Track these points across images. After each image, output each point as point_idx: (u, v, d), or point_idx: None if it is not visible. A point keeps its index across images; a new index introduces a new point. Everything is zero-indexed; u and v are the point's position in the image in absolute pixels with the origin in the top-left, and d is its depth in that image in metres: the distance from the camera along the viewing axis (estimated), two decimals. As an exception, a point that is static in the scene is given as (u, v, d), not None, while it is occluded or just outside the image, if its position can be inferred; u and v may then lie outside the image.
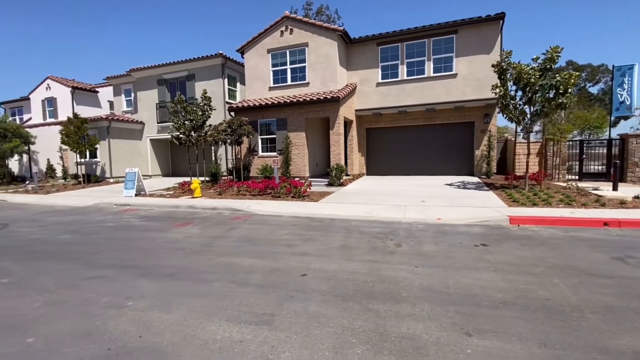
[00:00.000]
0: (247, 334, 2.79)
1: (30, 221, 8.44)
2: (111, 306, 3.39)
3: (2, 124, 18.25)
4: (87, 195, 13.10)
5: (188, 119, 13.91)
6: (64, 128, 16.00)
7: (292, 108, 13.19)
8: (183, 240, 6.02)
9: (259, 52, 14.58)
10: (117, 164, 18.07)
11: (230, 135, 12.54)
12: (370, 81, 14.38)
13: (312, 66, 13.71)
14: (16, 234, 7.03)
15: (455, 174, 14.21)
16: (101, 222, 7.94)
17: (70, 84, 22.44)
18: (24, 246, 5.95)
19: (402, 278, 3.92)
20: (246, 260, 4.74)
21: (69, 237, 6.54)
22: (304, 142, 13.15)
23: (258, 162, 14.01)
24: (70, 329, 2.94)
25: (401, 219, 7.00)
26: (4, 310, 3.38)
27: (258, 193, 10.72)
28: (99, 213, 9.33)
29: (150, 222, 7.82)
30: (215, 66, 17.09)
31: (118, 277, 4.19)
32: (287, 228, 6.67)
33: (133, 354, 2.55)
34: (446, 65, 13.37)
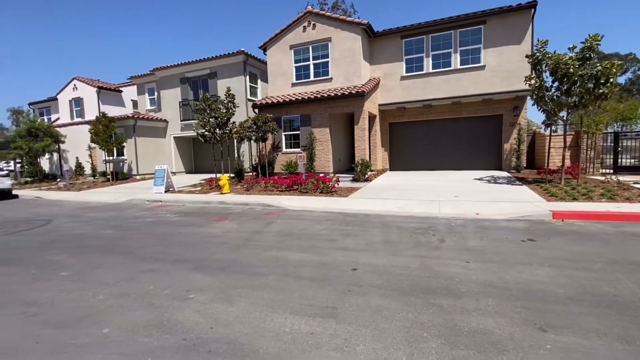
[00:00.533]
0: (316, 327, 2.81)
1: (71, 217, 8.76)
2: (174, 298, 3.48)
3: (34, 124, 18.96)
4: (118, 192, 13.49)
5: (213, 117, 14.09)
6: (93, 127, 16.49)
7: (315, 104, 13.16)
8: (223, 235, 6.11)
9: (282, 49, 14.59)
10: (142, 162, 18.54)
11: (255, 132, 12.64)
12: (394, 75, 14.18)
13: (335, 61, 13.62)
14: (61, 229, 7.31)
15: (482, 168, 13.89)
16: (139, 218, 8.16)
17: (95, 84, 23.09)
18: (71, 240, 6.18)
19: (456, 273, 3.86)
20: (292, 254, 4.77)
21: (112, 232, 6.76)
22: (327, 138, 13.12)
23: (282, 158, 14.08)
24: (141, 320, 3.04)
25: (437, 214, 6.90)
26: (72, 302, 3.51)
27: (285, 189, 10.78)
28: (134, 209, 9.60)
29: (186, 217, 7.98)
30: (237, 64, 17.21)
31: (171, 271, 4.30)
32: (323, 223, 6.68)
33: (209, 344, 2.61)
34: (474, 57, 13.03)
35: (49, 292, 3.76)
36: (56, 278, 4.21)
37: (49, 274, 4.37)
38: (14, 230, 7.34)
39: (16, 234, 6.92)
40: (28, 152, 18.44)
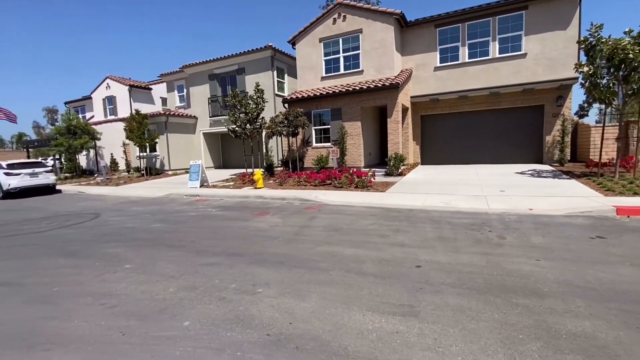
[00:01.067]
0: (399, 325, 2.72)
1: (116, 211, 9.08)
2: (243, 292, 3.48)
3: (73, 122, 19.82)
4: (154, 187, 13.90)
5: (243, 112, 14.21)
6: (128, 124, 17.04)
7: (347, 97, 12.98)
8: (270, 229, 6.12)
9: (311, 42, 14.45)
10: (174, 157, 19.03)
11: (286, 127, 12.63)
12: (428, 66, 13.75)
13: (366, 53, 13.35)
14: (110, 222, 7.57)
15: (521, 161, 13.30)
16: (182, 212, 8.34)
17: (127, 82, 23.84)
18: (124, 234, 6.38)
19: (530, 272, 3.66)
20: (347, 249, 4.70)
21: (161, 225, 6.92)
22: (359, 132, 12.93)
23: (312, 153, 14.03)
24: (217, 314, 3.05)
25: (487, 210, 6.63)
26: (144, 294, 3.59)
27: (319, 183, 10.73)
28: (174, 203, 9.83)
29: (228, 211, 8.08)
30: (265, 59, 17.24)
31: (231, 264, 4.32)
32: (368, 218, 6.57)
33: (294, 340, 2.58)
34: (514, 45, 12.40)
35: (120, 284, 3.87)
36: (122, 270, 4.33)
37: (113, 266, 4.50)
38: (67, 223, 7.67)
39: (70, 227, 7.23)
40: (68, 148, 19.32)
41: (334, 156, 11.45)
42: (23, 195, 13.61)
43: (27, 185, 13.51)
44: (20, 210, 10.06)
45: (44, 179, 14.09)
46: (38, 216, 8.85)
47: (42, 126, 77.27)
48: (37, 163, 14.68)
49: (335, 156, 11.47)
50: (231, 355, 2.43)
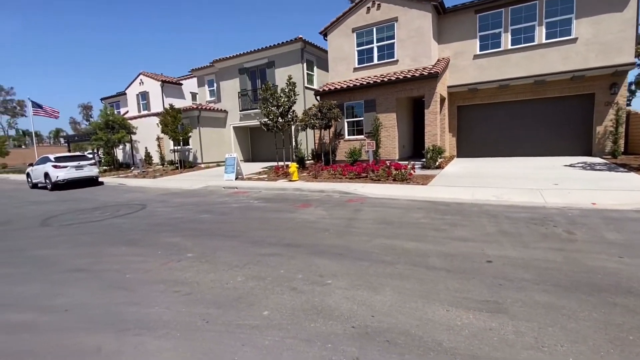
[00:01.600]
0: (489, 322, 2.59)
1: (161, 202, 9.37)
2: (312, 283, 3.46)
3: (110, 117, 20.65)
4: (190, 179, 14.27)
5: (275, 105, 14.25)
6: (163, 118, 17.55)
7: (381, 88, 12.70)
8: (318, 221, 6.09)
9: (343, 32, 14.21)
10: (206, 151, 19.46)
11: (320, 119, 12.54)
12: (466, 54, 13.18)
13: (401, 42, 12.97)
14: (159, 213, 7.81)
15: (567, 154, 12.56)
16: (224, 204, 8.48)
17: (160, 78, 24.52)
18: (176, 224, 6.55)
19: (617, 269, 3.41)
20: (406, 243, 4.58)
21: (208, 216, 7.07)
22: (394, 124, 12.65)
23: (344, 145, 13.89)
24: (294, 304, 3.03)
25: (544, 204, 6.28)
26: (215, 282, 3.64)
27: (354, 176, 10.60)
28: (214, 195, 10.03)
29: (269, 203, 8.14)
30: (295, 51, 17.16)
31: (291, 255, 4.32)
32: (416, 211, 6.40)
33: (383, 333, 2.51)
34: (563, 29, 11.63)
35: (187, 273, 3.95)
36: (185, 259, 4.43)
37: (176, 255, 4.61)
38: (118, 214, 7.99)
39: (122, 217, 7.52)
40: (106, 142, 20.18)
41: (370, 148, 11.27)
42: (69, 187, 14.37)
43: (73, 177, 14.24)
44: (71, 201, 10.60)
45: (88, 171, 14.80)
46: (89, 206, 9.29)
47: (77, 122, 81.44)
48: (81, 156, 15.43)
49: (370, 148, 11.28)
50: (322, 346, 2.40)
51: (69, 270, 4.30)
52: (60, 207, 9.47)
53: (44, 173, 14.27)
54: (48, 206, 9.87)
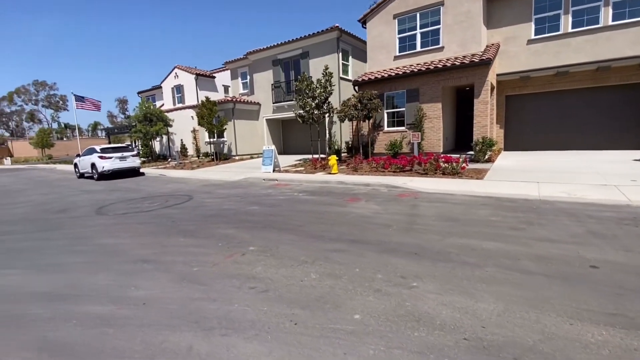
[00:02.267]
0: (630, 340, 2.20)
1: (205, 193, 9.42)
2: (396, 285, 3.18)
3: (149, 110, 21.25)
4: (227, 171, 14.38)
5: (311, 97, 13.99)
6: (199, 111, 17.79)
7: (425, 77, 12.07)
8: (374, 216, 5.79)
9: (384, 19, 13.61)
10: (240, 143, 19.61)
11: (360, 110, 12.14)
12: (519, 39, 12.24)
13: (448, 28, 12.22)
14: (207, 204, 7.81)
15: (631, 147, 11.41)
16: (269, 196, 8.37)
17: (194, 71, 24.91)
18: (227, 215, 6.48)
19: None
20: (484, 243, 4.18)
21: (258, 208, 6.95)
22: (439, 114, 12.02)
23: (383, 137, 13.42)
24: (386, 308, 2.77)
25: (628, 202, 5.62)
26: (287, 279, 3.45)
27: (398, 169, 10.17)
28: (256, 187, 9.97)
29: (315, 196, 7.93)
30: (330, 41, 16.73)
31: (360, 252, 4.06)
32: (481, 208, 5.94)
33: (505, 348, 2.19)
34: (633, 10, 10.46)
35: (256, 267, 3.80)
36: (249, 253, 4.29)
37: (237, 248, 4.49)
38: (168, 204, 8.07)
39: (172, 208, 7.58)
40: (145, 134, 20.82)
41: (415, 140, 10.77)
42: (113, 177, 14.91)
43: (117, 168, 14.75)
44: (119, 191, 10.93)
45: (130, 162, 15.29)
46: (137, 196, 9.51)
47: (114, 115, 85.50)
48: (125, 148, 15.97)
49: (416, 140, 10.78)
50: (438, 360, 2.13)
51: (135, 260, 4.28)
52: (110, 197, 9.77)
53: (91, 163, 14.88)
54: (98, 195, 10.22)
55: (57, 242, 5.34)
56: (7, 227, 6.63)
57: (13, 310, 3.13)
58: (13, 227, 6.65)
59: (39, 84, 76.63)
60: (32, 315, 3.02)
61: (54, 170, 23.96)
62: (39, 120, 78.59)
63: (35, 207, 8.86)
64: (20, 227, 6.62)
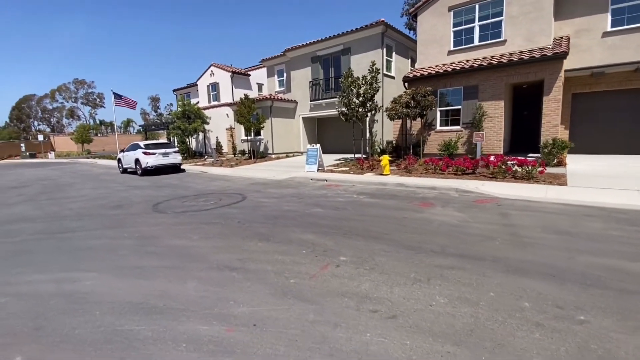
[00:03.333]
0: None
1: (256, 192, 9.08)
2: (558, 318, 2.56)
3: (188, 107, 21.43)
4: (268, 169, 14.08)
5: (356, 94, 13.44)
6: (238, 108, 17.65)
7: (486, 72, 11.20)
8: (464, 225, 5.15)
9: (437, 12, 12.82)
10: (277, 141, 19.33)
11: (413, 108, 11.45)
12: (592, 31, 11.11)
13: (512, 19, 11.28)
14: (264, 204, 7.42)
15: None
16: (326, 197, 7.89)
17: (229, 69, 24.98)
18: (293, 217, 6.04)
19: None
20: (630, 264, 3.48)
21: (321, 211, 6.48)
22: (500, 113, 11.11)
23: (435, 137, 12.64)
24: (567, 351, 2.18)
25: None
26: (411, 302, 2.91)
27: (460, 172, 9.42)
28: (306, 187, 9.53)
29: (377, 199, 7.36)
30: (374, 36, 16.07)
31: (480, 271, 3.45)
32: (590, 220, 5.15)
33: None
34: None
35: (362, 284, 3.28)
36: (343, 264, 3.79)
37: (326, 257, 4.01)
38: (223, 203, 7.77)
39: (230, 207, 7.24)
40: (183, 131, 21.00)
41: (479, 141, 9.97)
42: (156, 173, 15.00)
43: (160, 164, 14.82)
44: (167, 187, 10.83)
45: (173, 158, 15.33)
46: (188, 193, 9.31)
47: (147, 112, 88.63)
48: (167, 144, 16.06)
49: (479, 141, 9.98)
50: None
51: (220, 267, 3.89)
52: (161, 193, 9.64)
53: (135, 159, 15.03)
54: (148, 191, 10.14)
55: (125, 242, 5.08)
56: (70, 223, 6.51)
57: (111, 325, 2.78)
58: (75, 223, 6.53)
59: (79, 82, 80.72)
60: (134, 333, 2.64)
61: (95, 164, 24.75)
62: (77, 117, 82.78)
63: (89, 202, 8.84)
64: (82, 223, 6.48)
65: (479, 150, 10.10)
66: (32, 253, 4.80)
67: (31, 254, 4.78)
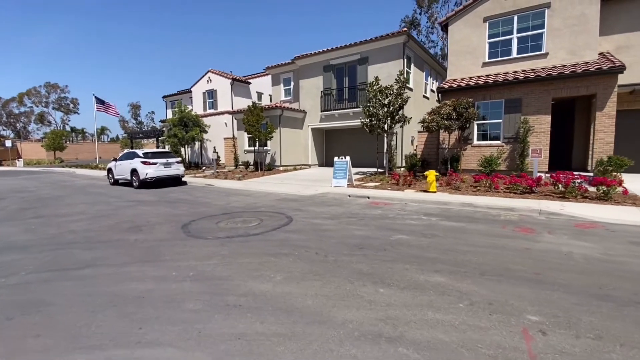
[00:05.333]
0: None
1: (296, 210, 7.75)
2: None
3: (185, 114, 19.79)
4: (285, 183, 12.74)
5: (383, 104, 12.57)
6: (246, 116, 16.34)
7: (531, 85, 10.62)
8: (612, 260, 4.12)
9: (471, 22, 12.30)
10: (285, 153, 18.04)
11: (455, 120, 10.63)
12: (634, 48, 10.88)
13: (554, 32, 10.87)
14: (325, 229, 6.12)
15: None
16: (392, 218, 6.69)
17: (230, 76, 23.66)
18: (384, 248, 4.79)
19: None
20: None
21: (407, 238, 5.28)
22: (546, 128, 10.52)
23: (472, 152, 11.86)
24: None
25: None
26: None
27: (519, 190, 8.57)
28: (352, 205, 8.29)
29: (459, 223, 6.26)
30: (395, 46, 15.44)
31: None
32: None
33: None
34: None
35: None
36: (548, 330, 2.61)
37: (503, 315, 2.81)
38: (269, 225, 6.39)
39: (281, 231, 5.89)
40: (180, 140, 19.28)
41: (536, 157, 9.20)
42: (155, 185, 13.29)
43: (162, 175, 13.14)
44: (179, 203, 9.26)
45: (175, 169, 13.69)
46: (213, 212, 7.82)
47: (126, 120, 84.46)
48: (168, 153, 14.38)
49: (537, 157, 9.21)
50: None
51: (364, 336, 2.57)
52: (177, 211, 8.09)
53: (131, 169, 13.27)
54: (161, 208, 8.55)
55: (182, 286, 3.63)
56: (82, 254, 4.90)
57: None
58: (89, 253, 4.93)
59: (51, 86, 76.05)
60: None
61: (74, 174, 22.30)
62: (48, 123, 77.51)
63: (92, 221, 7.18)
64: (99, 253, 4.91)
65: (535, 166, 9.33)
66: (48, 306, 3.26)
67: (46, 307, 3.23)
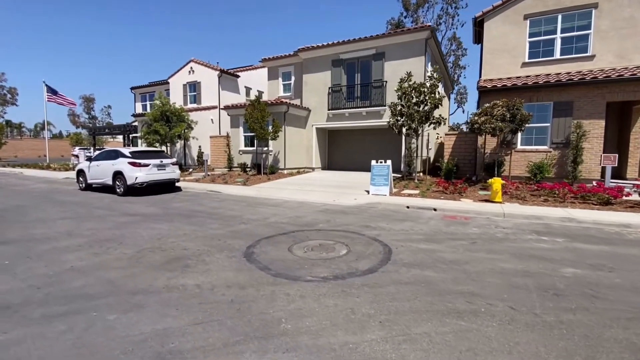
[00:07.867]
0: None
1: (365, 228, 6.11)
2: None
3: (168, 108, 17.09)
4: (302, 189, 10.94)
5: (421, 102, 11.37)
6: (249, 112, 14.28)
7: (584, 88, 9.95)
8: None
9: (510, 19, 11.50)
10: (289, 154, 16.13)
11: (509, 122, 9.64)
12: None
13: (601, 34, 10.35)
14: (452, 261, 4.60)
15: None
16: (511, 240, 5.32)
17: (216, 68, 21.18)
18: (573, 298, 3.40)
19: None
20: None
21: (582, 272, 3.92)
22: (600, 133, 9.90)
23: (516, 157, 10.95)
24: None
25: None
26: None
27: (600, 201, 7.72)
28: (423, 220, 6.80)
29: (604, 245, 5.05)
30: (416, 42, 14.33)
31: None
32: None
33: None
34: None
35: None
36: None
37: None
38: (368, 253, 4.72)
39: (394, 270, 4.27)
40: (164, 137, 16.55)
41: (609, 163, 8.43)
42: (143, 192, 10.82)
43: (155, 180, 10.71)
44: (199, 217, 7.14)
45: (170, 172, 11.29)
46: (264, 232, 5.91)
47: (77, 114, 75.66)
48: (161, 152, 11.91)
49: (611, 164, 8.44)
50: None
51: None
52: (210, 231, 6.04)
53: (114, 172, 10.65)
54: (180, 225, 6.40)
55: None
56: (121, 321, 2.88)
57: None
58: (133, 316, 2.93)
59: (-17, 72, 66.00)
60: None
61: (22, 176, 18.42)
62: (-22, 115, 67.08)
63: (98, 250, 4.95)
64: (154, 319, 2.92)
65: (608, 174, 8.59)
66: None
67: None
